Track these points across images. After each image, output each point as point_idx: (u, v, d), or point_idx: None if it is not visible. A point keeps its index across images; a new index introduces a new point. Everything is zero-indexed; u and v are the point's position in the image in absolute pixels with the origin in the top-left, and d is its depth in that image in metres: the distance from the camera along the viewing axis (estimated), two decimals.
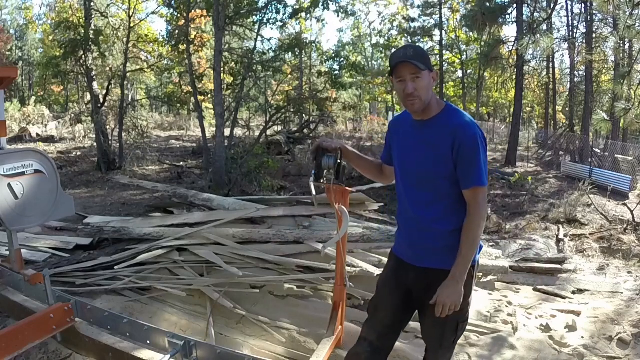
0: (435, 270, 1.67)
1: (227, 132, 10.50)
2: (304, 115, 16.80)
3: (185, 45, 11.37)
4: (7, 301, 2.39)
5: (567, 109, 17.49)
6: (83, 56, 10.97)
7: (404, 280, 1.77)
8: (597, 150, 14.20)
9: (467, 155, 1.57)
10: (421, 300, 1.72)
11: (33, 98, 22.25)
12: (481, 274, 3.89)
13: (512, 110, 16.72)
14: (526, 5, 13.77)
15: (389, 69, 1.64)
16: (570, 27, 15.81)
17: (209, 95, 14.72)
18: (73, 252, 4.16)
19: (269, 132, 13.67)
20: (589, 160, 12.55)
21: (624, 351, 2.75)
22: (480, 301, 3.38)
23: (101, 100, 11.79)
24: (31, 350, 2.31)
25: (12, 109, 18.79)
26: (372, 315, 1.90)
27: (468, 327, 2.94)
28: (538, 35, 9.59)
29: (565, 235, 5.65)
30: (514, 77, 15.84)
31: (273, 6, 10.55)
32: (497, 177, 10.18)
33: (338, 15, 25.94)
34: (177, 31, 11.89)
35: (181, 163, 12.26)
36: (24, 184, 2.05)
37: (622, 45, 12.14)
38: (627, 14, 5.83)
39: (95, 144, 12.04)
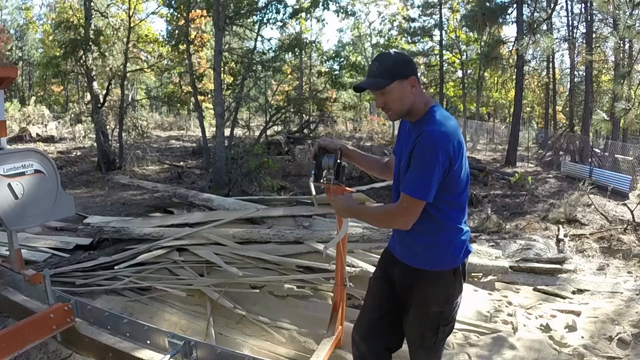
0: (419, 270, 1.68)
1: (227, 132, 10.50)
2: (304, 115, 16.79)
3: (185, 45, 11.37)
4: (7, 301, 2.38)
5: (567, 109, 17.49)
6: (83, 56, 10.96)
7: (391, 274, 1.79)
8: (597, 150, 14.21)
9: (414, 162, 1.53)
10: (404, 297, 1.74)
11: (33, 98, 22.22)
12: (481, 274, 3.89)
13: (512, 110, 16.73)
14: (526, 5, 13.77)
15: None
16: (570, 27, 15.84)
17: (209, 95, 14.73)
18: (73, 252, 4.16)
19: (269, 132, 13.67)
20: (589, 160, 12.56)
21: (624, 351, 2.75)
22: (480, 301, 3.38)
23: (101, 100, 11.79)
24: (31, 350, 2.31)
25: (12, 109, 18.77)
26: (361, 308, 1.96)
27: (468, 327, 2.95)
28: (538, 35, 9.58)
29: (565, 235, 5.65)
30: (514, 77, 15.85)
31: (273, 6, 10.57)
32: (497, 177, 10.18)
33: (338, 15, 25.94)
34: (177, 31, 11.89)
35: (181, 163, 12.26)
36: (24, 184, 2.05)
37: (622, 45, 12.11)
38: (627, 14, 5.82)
39: (95, 144, 12.04)
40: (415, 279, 1.69)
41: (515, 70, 14.83)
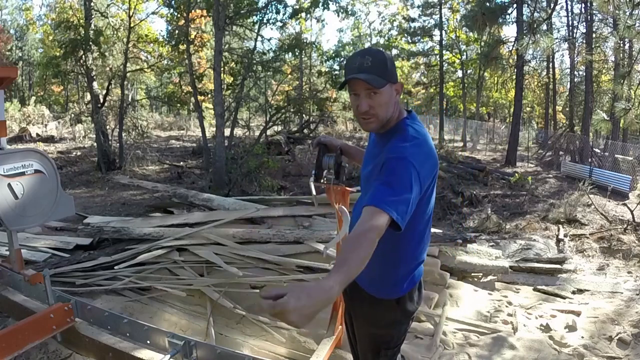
0: (360, 288, 1.55)
1: (227, 132, 10.50)
2: (304, 115, 16.79)
3: (185, 45, 11.38)
4: (7, 301, 2.38)
5: (567, 109, 17.50)
6: (83, 56, 10.98)
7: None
8: (597, 150, 14.21)
9: (382, 174, 1.24)
10: (351, 310, 1.66)
11: (33, 98, 22.23)
12: (481, 274, 3.89)
13: (512, 110, 16.74)
14: (526, 5, 13.78)
15: (342, 79, 1.34)
16: (570, 27, 15.85)
17: (209, 95, 14.74)
18: (73, 252, 4.16)
19: (269, 132, 13.67)
20: (589, 160, 12.57)
21: (624, 351, 2.75)
22: (480, 301, 3.39)
23: (101, 100, 11.80)
24: (31, 350, 2.31)
25: (12, 109, 18.78)
26: None
27: (468, 327, 2.95)
28: (538, 35, 9.58)
29: (565, 235, 5.65)
30: (514, 77, 15.87)
31: (273, 6, 10.57)
32: (497, 177, 10.19)
33: (338, 15, 25.89)
34: (177, 31, 11.90)
35: (181, 163, 12.27)
36: (24, 184, 2.05)
37: (622, 45, 12.12)
38: (627, 14, 5.83)
39: (95, 144, 12.05)
40: (358, 295, 1.55)
41: (515, 70, 14.85)
